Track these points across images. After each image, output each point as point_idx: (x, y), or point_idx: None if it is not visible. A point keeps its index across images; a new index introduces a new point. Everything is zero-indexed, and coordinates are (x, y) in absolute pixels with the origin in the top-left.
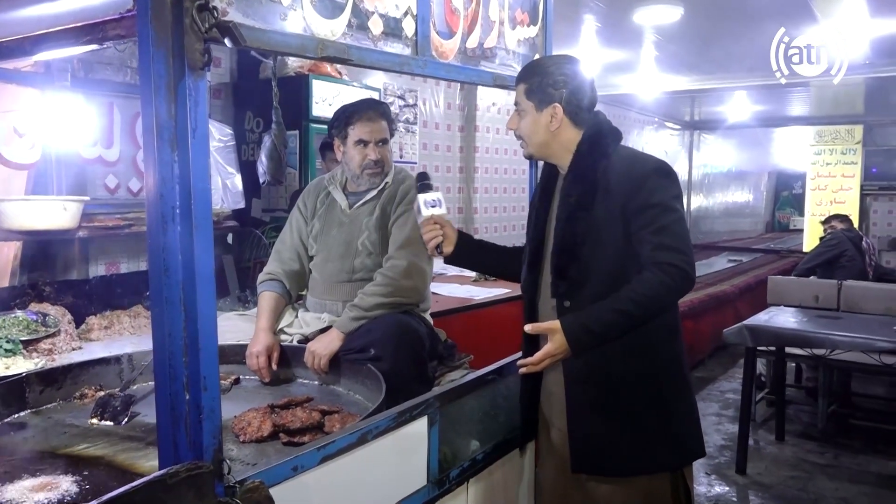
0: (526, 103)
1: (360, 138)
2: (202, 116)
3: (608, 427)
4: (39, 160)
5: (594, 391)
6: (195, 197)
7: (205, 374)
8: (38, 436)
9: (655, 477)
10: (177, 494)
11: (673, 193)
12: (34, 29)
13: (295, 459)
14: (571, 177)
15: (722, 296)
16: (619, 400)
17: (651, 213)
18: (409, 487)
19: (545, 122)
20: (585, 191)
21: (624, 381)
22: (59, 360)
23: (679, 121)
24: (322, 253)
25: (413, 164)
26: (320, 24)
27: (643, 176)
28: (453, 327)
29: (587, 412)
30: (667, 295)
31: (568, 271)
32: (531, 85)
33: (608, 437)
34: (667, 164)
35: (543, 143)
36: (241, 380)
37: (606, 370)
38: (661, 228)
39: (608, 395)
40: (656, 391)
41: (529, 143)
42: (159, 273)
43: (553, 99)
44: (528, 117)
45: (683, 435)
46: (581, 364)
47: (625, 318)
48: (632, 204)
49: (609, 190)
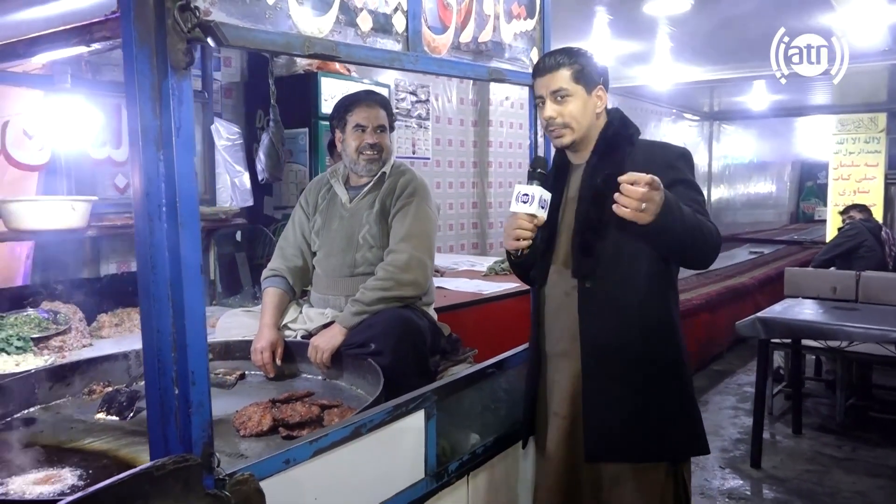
0: (575, 87)
1: (357, 123)
2: (187, 115)
3: (627, 410)
4: (49, 161)
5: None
6: (181, 195)
7: (193, 370)
8: (46, 431)
9: (661, 466)
10: (163, 487)
11: (695, 178)
12: (26, 32)
13: (287, 452)
14: (596, 159)
15: (740, 288)
16: (639, 381)
17: (682, 188)
18: (406, 480)
19: (594, 105)
20: (612, 172)
21: (643, 362)
22: (70, 356)
23: (698, 112)
24: (324, 248)
25: (426, 160)
26: (307, 21)
27: (673, 157)
28: (462, 322)
29: (605, 396)
30: (714, 239)
31: (593, 250)
32: (579, 68)
33: (630, 420)
34: (689, 152)
35: (589, 126)
36: (247, 375)
37: (628, 349)
38: (695, 200)
39: (630, 376)
40: (675, 373)
41: (578, 128)
42: (147, 270)
43: (597, 83)
44: (579, 101)
45: (698, 421)
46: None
47: (695, 222)
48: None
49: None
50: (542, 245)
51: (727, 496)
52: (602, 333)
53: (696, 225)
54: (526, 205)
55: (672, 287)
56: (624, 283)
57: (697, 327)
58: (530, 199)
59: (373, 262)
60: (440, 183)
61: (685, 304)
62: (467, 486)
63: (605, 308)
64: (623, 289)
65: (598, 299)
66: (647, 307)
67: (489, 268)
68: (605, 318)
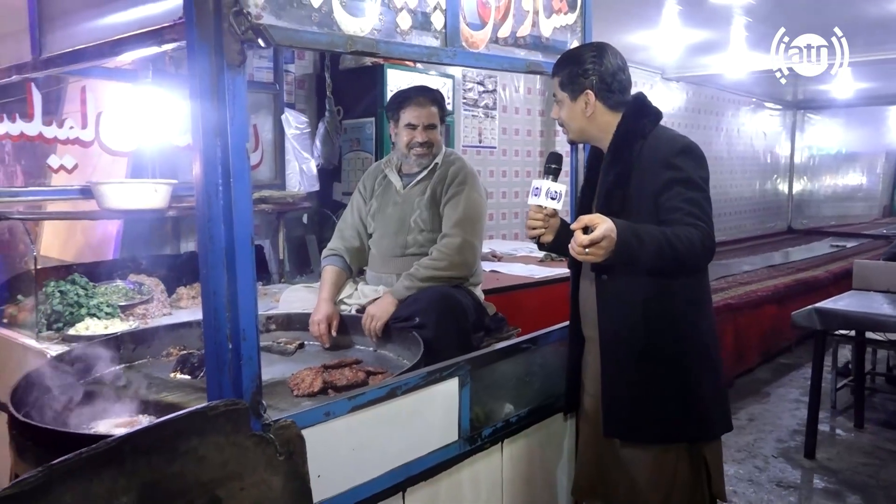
0: (561, 94)
1: (409, 122)
2: (240, 106)
3: (633, 395)
4: (137, 148)
5: (624, 360)
6: (234, 176)
7: (244, 328)
8: (128, 385)
9: (672, 448)
10: (216, 425)
11: (700, 173)
12: (111, 35)
13: (327, 406)
14: (610, 157)
15: (812, 281)
16: (643, 369)
17: (679, 188)
18: (440, 441)
19: (580, 109)
20: (622, 170)
21: (647, 351)
22: (151, 323)
23: (780, 100)
24: (379, 230)
25: (493, 149)
26: (349, 22)
27: (673, 153)
28: (511, 303)
29: (617, 380)
30: (697, 248)
31: None
32: (563, 77)
33: (633, 404)
34: (696, 145)
35: (581, 128)
36: (306, 345)
37: (634, 339)
38: (689, 200)
39: (636, 363)
40: (676, 363)
41: (569, 130)
42: (205, 240)
43: (585, 87)
44: (566, 106)
45: (703, 409)
46: (612, 333)
47: (665, 244)
48: (660, 179)
49: (643, 169)
50: None
51: (776, 484)
52: (613, 323)
53: (662, 246)
54: (536, 197)
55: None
56: (630, 277)
57: (762, 319)
58: (539, 192)
59: (422, 244)
60: (506, 172)
61: (749, 296)
62: (501, 452)
63: (615, 300)
64: (629, 283)
65: (610, 292)
66: (651, 300)
67: (546, 254)
68: (616, 309)
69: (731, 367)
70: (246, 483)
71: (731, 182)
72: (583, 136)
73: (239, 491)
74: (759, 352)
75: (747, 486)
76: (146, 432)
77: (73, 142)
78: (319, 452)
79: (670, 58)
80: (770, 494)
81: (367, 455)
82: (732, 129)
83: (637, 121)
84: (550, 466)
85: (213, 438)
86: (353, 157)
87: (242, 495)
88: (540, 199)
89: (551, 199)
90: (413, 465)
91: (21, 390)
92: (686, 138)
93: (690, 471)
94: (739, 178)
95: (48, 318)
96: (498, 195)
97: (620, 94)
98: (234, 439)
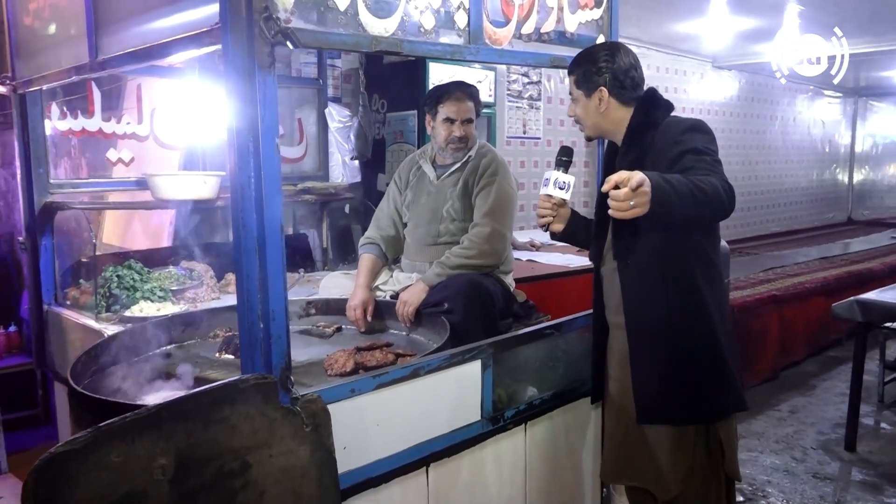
0: (577, 92)
1: (447, 116)
2: (271, 104)
3: (660, 376)
4: (189, 141)
5: (649, 342)
6: (265, 168)
7: (273, 309)
8: (177, 362)
9: (690, 428)
10: (247, 396)
11: (708, 145)
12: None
13: (352, 383)
14: (624, 148)
15: (866, 273)
16: (668, 350)
17: (689, 156)
18: (462, 420)
19: (595, 106)
20: (636, 158)
21: (670, 332)
22: (200, 306)
23: (840, 87)
24: (413, 220)
25: (537, 140)
26: (374, 23)
27: (679, 132)
28: (546, 291)
29: (645, 364)
30: (721, 192)
31: (624, 233)
32: (578, 75)
33: (661, 385)
34: (703, 122)
35: (596, 124)
36: (343, 328)
37: (657, 320)
38: (701, 161)
39: (661, 345)
40: (695, 342)
41: (585, 126)
42: (239, 228)
43: (599, 84)
44: (581, 104)
45: (718, 388)
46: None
47: (692, 187)
48: (671, 156)
49: (655, 153)
50: (596, 227)
51: (812, 475)
52: (636, 306)
53: (691, 190)
54: (545, 187)
55: (699, 258)
56: (648, 260)
57: (809, 312)
58: (548, 182)
59: (455, 233)
60: (551, 162)
61: (796, 288)
62: (525, 433)
63: (636, 283)
64: (647, 265)
65: (632, 276)
66: (669, 280)
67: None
68: (637, 292)
69: (776, 360)
70: (274, 451)
71: (786, 172)
72: (597, 131)
73: (268, 458)
74: (806, 345)
75: (782, 476)
76: (183, 401)
77: (130, 136)
78: (345, 426)
79: (720, 46)
80: (805, 485)
81: (391, 430)
82: (788, 118)
83: (649, 113)
84: (576, 449)
85: (243, 409)
86: (397, 149)
87: (271, 462)
88: (549, 188)
89: (560, 188)
90: (436, 442)
91: (80, 365)
92: (693, 119)
93: (707, 450)
94: (795, 167)
95: (106, 301)
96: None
97: (633, 90)
98: (263, 410)
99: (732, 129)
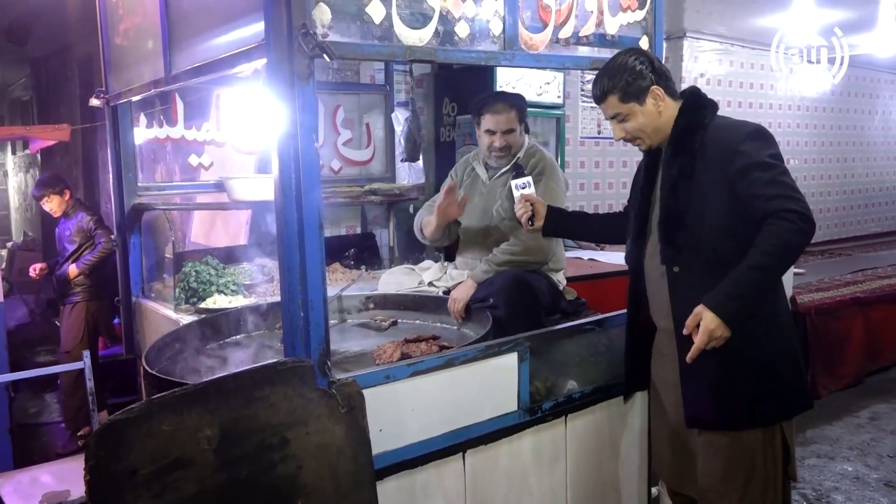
0: (626, 107)
1: (488, 128)
2: (309, 112)
3: (714, 383)
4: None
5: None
6: (304, 170)
7: (312, 298)
8: (245, 351)
9: (752, 431)
10: (285, 378)
11: (769, 152)
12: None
13: (388, 370)
14: (671, 150)
15: None
16: (722, 356)
17: (754, 174)
18: (499, 409)
19: (652, 108)
20: (686, 161)
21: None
22: (269, 300)
23: None
24: (466, 218)
25: (612, 140)
26: (409, 34)
27: (738, 140)
28: (604, 291)
29: (696, 370)
30: (794, 239)
31: (675, 238)
32: (619, 91)
33: (714, 392)
34: (762, 127)
35: (658, 128)
36: (398, 322)
37: None
38: (767, 182)
39: (714, 351)
40: (754, 347)
41: (648, 136)
42: (282, 223)
43: (647, 86)
44: (637, 116)
45: (782, 389)
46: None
47: (761, 272)
48: (732, 169)
49: (707, 158)
50: (635, 231)
51: (884, 483)
52: (688, 314)
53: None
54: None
55: None
56: (706, 268)
57: None
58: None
59: (505, 231)
60: (626, 162)
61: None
62: (565, 425)
63: (690, 291)
64: (705, 274)
65: (684, 284)
66: None
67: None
68: (692, 300)
69: (861, 365)
70: (311, 429)
71: (887, 168)
72: (658, 136)
73: (304, 434)
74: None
75: (851, 482)
76: (227, 379)
77: (210, 143)
78: (381, 410)
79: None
80: (876, 493)
81: (427, 416)
82: (889, 112)
83: (695, 112)
84: (620, 443)
85: (282, 389)
86: (466, 151)
87: (308, 438)
88: (516, 193)
89: (521, 188)
90: (472, 429)
91: (155, 350)
92: (751, 123)
93: (769, 452)
94: None
95: (185, 294)
96: (618, 185)
97: (671, 81)
98: (300, 391)
99: (826, 125)
